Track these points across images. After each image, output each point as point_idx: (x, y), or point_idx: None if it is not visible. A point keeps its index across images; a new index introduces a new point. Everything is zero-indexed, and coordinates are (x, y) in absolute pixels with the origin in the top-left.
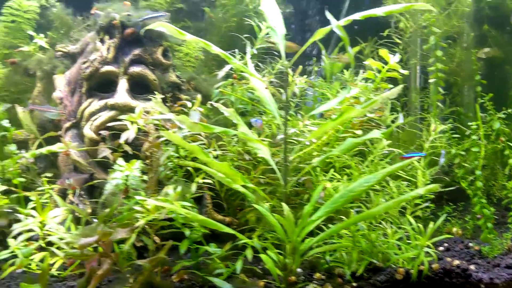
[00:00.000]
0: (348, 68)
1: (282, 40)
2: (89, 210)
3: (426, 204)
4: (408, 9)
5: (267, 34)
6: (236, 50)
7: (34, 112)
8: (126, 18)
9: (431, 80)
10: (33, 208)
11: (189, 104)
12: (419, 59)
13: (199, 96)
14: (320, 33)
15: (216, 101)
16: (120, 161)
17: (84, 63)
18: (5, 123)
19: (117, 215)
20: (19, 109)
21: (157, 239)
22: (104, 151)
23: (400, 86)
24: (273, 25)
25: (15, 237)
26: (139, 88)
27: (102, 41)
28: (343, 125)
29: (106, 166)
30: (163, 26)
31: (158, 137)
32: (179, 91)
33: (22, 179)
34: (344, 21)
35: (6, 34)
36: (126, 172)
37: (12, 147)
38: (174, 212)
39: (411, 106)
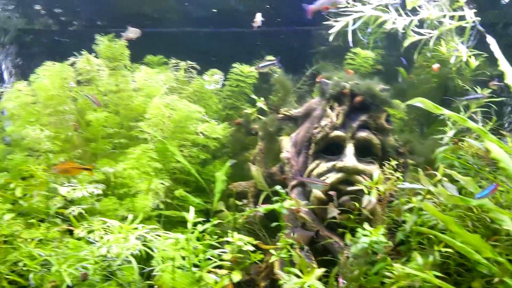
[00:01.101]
0: None
1: None
2: (316, 267)
3: None
4: None
5: None
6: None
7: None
8: (355, 87)
9: None
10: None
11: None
12: None
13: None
14: None
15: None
16: (366, 225)
17: (315, 128)
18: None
19: None
20: (253, 168)
21: None
22: (333, 211)
23: None
24: None
25: None
26: (362, 151)
27: (331, 108)
28: None
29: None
30: (421, 101)
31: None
32: (397, 154)
33: None
34: None
35: (229, 96)
36: (373, 237)
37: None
38: (426, 281)
39: None
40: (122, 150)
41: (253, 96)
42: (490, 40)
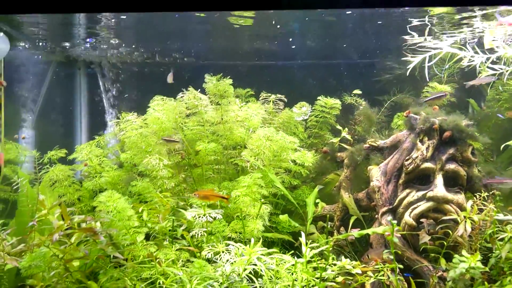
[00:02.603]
0: None
1: None
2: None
3: None
4: None
5: None
6: None
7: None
8: (444, 122)
9: None
10: None
11: None
12: None
13: None
14: None
15: None
16: (464, 252)
17: (406, 159)
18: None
19: None
20: (345, 194)
21: None
22: (425, 237)
23: None
24: None
25: None
26: (449, 181)
27: (421, 141)
28: None
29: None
30: None
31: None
32: (481, 184)
33: None
34: None
35: (314, 126)
36: (471, 263)
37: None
38: None
39: None
40: (219, 176)
41: (338, 127)
42: None
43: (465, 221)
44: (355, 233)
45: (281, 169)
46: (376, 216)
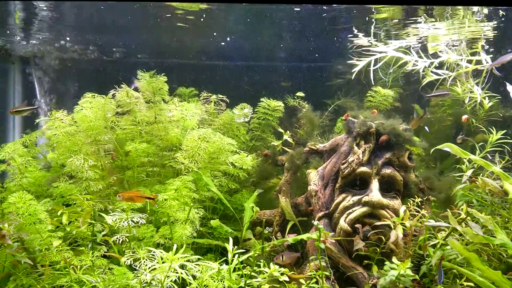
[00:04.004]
0: None
1: None
2: None
3: None
4: None
5: None
6: None
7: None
8: (381, 126)
9: None
10: None
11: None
12: None
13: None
14: None
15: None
16: (395, 259)
17: (343, 163)
18: None
19: None
20: (282, 198)
21: None
22: (360, 244)
23: None
24: None
25: None
26: (386, 186)
27: (357, 145)
28: None
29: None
30: (449, 146)
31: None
32: (418, 190)
33: None
34: None
35: (256, 129)
36: (401, 271)
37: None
38: None
39: None
40: (154, 178)
41: (280, 129)
42: (510, 88)
43: (397, 227)
44: (291, 238)
45: (219, 172)
46: (313, 221)
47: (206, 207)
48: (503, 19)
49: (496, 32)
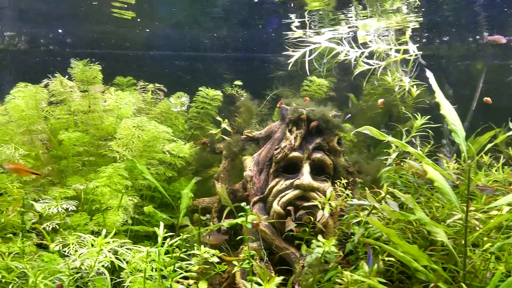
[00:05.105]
0: None
1: (464, 141)
2: (274, 276)
3: None
4: None
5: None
6: None
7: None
8: (311, 113)
9: None
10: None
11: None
12: None
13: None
14: None
15: (383, 185)
16: (319, 237)
17: (276, 149)
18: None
19: None
20: (218, 185)
21: None
22: (291, 225)
23: None
24: (455, 128)
25: None
26: (317, 170)
27: (290, 131)
28: None
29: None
30: (368, 129)
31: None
32: (347, 173)
33: None
34: None
35: (195, 118)
36: (326, 248)
37: None
38: (372, 286)
39: None
40: (90, 168)
41: (218, 118)
42: (429, 73)
43: (325, 208)
44: (225, 223)
45: (155, 161)
46: (248, 205)
47: (143, 195)
48: (427, 11)
49: (421, 21)
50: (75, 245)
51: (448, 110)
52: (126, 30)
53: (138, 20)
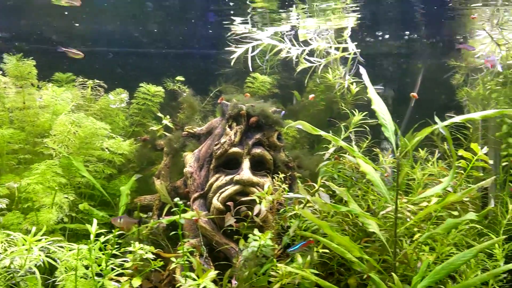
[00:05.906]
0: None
1: (393, 135)
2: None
3: None
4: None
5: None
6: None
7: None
8: (251, 109)
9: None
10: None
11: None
12: None
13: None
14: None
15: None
16: (256, 231)
17: (216, 145)
18: None
19: None
20: (157, 182)
21: None
22: (230, 220)
23: None
24: (385, 122)
25: None
26: (257, 165)
27: (230, 127)
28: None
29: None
30: (301, 124)
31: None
32: (287, 168)
33: None
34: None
35: (136, 114)
36: (262, 241)
37: None
38: (305, 278)
39: None
40: (27, 166)
41: (160, 114)
42: (362, 70)
43: (262, 202)
44: (165, 220)
45: (93, 157)
46: (188, 202)
47: (82, 193)
48: (364, 11)
49: (359, 21)
50: (4, 243)
51: (378, 105)
52: (66, 23)
53: (82, 14)
